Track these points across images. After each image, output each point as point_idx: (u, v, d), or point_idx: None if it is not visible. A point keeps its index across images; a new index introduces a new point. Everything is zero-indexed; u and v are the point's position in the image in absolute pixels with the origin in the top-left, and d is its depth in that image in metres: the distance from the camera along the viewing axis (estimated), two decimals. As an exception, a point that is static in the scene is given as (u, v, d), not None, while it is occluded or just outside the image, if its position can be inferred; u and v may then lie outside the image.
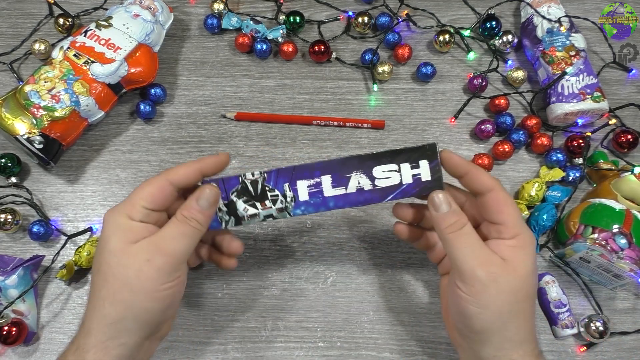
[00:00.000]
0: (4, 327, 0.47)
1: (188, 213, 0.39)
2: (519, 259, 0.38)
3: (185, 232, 0.38)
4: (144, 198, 0.38)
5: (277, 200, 0.43)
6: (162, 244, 0.37)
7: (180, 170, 0.40)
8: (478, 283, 0.37)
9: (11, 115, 0.51)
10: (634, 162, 0.56)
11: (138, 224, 0.38)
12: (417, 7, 0.65)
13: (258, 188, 0.43)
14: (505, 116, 0.58)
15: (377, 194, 0.42)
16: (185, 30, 0.64)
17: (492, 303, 0.37)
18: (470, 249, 0.38)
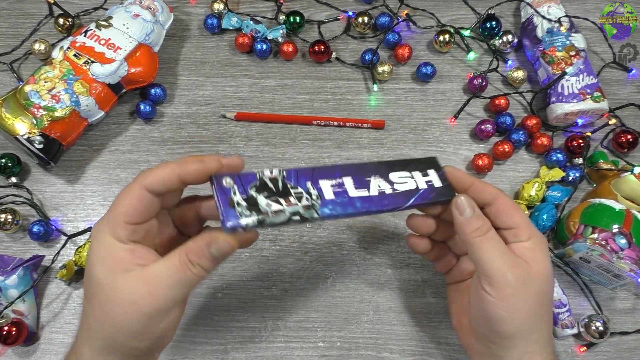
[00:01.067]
0: (4, 327, 0.47)
1: (195, 258, 0.34)
2: (539, 260, 0.38)
3: (184, 279, 0.33)
4: (124, 213, 0.34)
5: (302, 198, 0.38)
6: (153, 288, 0.33)
7: (157, 172, 0.34)
8: (509, 287, 0.36)
9: (11, 115, 0.51)
10: (634, 162, 0.56)
11: (124, 247, 0.34)
12: (417, 7, 0.65)
13: (279, 185, 0.38)
14: (505, 116, 0.58)
15: (399, 198, 0.41)
16: (185, 30, 0.64)
17: (523, 307, 0.36)
18: (498, 253, 0.37)
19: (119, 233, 0.34)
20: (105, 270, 0.33)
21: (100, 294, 0.33)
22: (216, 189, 0.36)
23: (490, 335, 0.38)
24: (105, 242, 0.34)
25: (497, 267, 0.36)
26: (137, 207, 0.34)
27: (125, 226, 0.34)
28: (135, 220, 0.34)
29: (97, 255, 0.34)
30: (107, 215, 0.35)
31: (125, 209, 0.34)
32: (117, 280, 0.33)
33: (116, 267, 0.33)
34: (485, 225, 0.38)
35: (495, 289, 0.36)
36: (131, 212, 0.34)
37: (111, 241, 0.34)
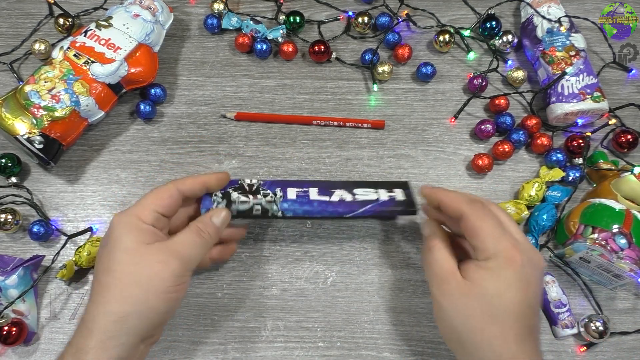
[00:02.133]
0: (4, 327, 0.47)
1: (203, 226, 0.42)
2: (481, 279, 0.39)
3: (198, 241, 0.41)
4: (155, 202, 0.41)
5: (267, 195, 0.48)
6: (177, 249, 0.40)
7: (188, 180, 0.43)
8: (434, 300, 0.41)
9: (11, 115, 0.51)
10: (634, 162, 0.56)
11: (149, 227, 0.40)
12: (417, 7, 0.65)
13: (253, 188, 0.49)
14: (505, 116, 0.58)
15: (356, 204, 0.49)
16: (185, 30, 0.64)
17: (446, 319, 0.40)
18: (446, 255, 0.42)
19: (144, 217, 0.40)
20: (133, 239, 0.39)
21: (128, 260, 0.38)
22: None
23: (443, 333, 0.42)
24: (131, 221, 0.40)
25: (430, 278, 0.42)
26: (166, 200, 0.42)
27: (152, 212, 0.40)
28: (162, 210, 0.41)
29: (122, 230, 0.39)
30: (133, 205, 0.41)
31: (155, 199, 0.41)
32: (143, 248, 0.39)
33: (141, 239, 0.39)
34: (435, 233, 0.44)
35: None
36: (160, 202, 0.41)
37: (136, 220, 0.40)
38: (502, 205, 0.55)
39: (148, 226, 0.40)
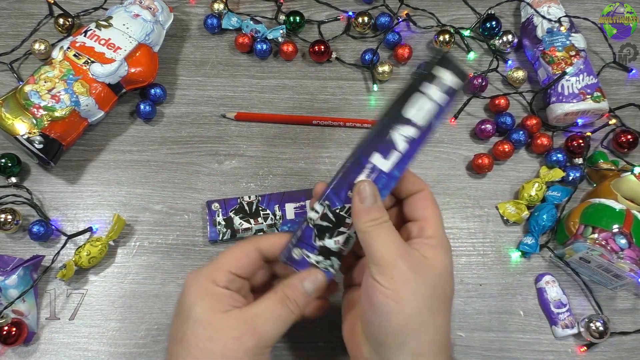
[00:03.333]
0: (4, 327, 0.47)
1: (291, 292, 0.37)
2: (438, 257, 0.36)
3: (282, 314, 0.36)
4: (230, 262, 0.37)
5: (267, 218, 0.52)
6: (255, 323, 0.35)
7: (271, 239, 0.39)
8: (399, 275, 0.34)
9: (11, 115, 0.51)
10: (634, 162, 0.56)
11: (224, 290, 0.36)
12: (417, 7, 0.65)
13: (252, 208, 0.52)
14: (505, 116, 0.58)
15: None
16: (185, 30, 0.64)
17: (413, 297, 0.34)
18: (390, 241, 0.35)
19: (219, 278, 0.36)
20: (206, 309, 0.35)
21: (201, 333, 0.34)
22: (207, 211, 0.53)
23: (379, 333, 0.35)
24: (204, 284, 0.36)
25: (389, 254, 0.35)
26: (243, 260, 0.38)
27: (226, 273, 0.37)
28: (238, 271, 0.37)
29: (195, 296, 0.36)
30: (206, 266, 0.38)
31: (231, 259, 0.37)
32: (218, 318, 0.35)
33: (216, 306, 0.35)
34: (383, 217, 0.36)
35: (385, 276, 0.34)
36: (236, 263, 0.37)
37: (210, 284, 0.36)
38: (502, 205, 0.55)
39: (223, 290, 0.36)
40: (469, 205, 0.56)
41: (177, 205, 0.55)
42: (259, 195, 0.54)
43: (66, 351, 0.49)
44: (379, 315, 0.35)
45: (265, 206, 0.53)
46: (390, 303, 0.34)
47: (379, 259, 0.35)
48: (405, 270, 0.34)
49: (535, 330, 0.51)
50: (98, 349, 0.49)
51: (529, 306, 0.52)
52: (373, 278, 0.35)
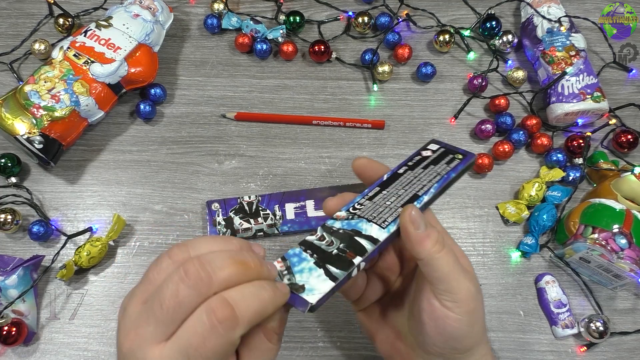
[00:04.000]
0: (4, 327, 0.47)
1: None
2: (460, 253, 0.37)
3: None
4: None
5: (267, 218, 0.52)
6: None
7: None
8: (472, 301, 0.34)
9: (11, 115, 0.51)
10: (634, 162, 0.56)
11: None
12: (417, 7, 0.65)
13: (252, 208, 0.52)
14: (505, 116, 0.58)
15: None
16: (185, 30, 0.64)
17: (479, 317, 0.35)
18: (458, 265, 0.34)
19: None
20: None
21: None
22: (207, 211, 0.53)
23: (448, 352, 0.35)
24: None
25: (461, 281, 0.33)
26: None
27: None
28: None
29: None
30: None
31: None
32: None
33: None
34: (439, 235, 0.34)
35: (460, 304, 0.33)
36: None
37: None
38: (502, 205, 0.55)
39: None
40: (469, 205, 0.56)
41: (177, 205, 0.55)
42: (259, 195, 0.54)
43: (66, 351, 0.49)
44: (451, 340, 0.35)
45: (265, 206, 0.53)
46: (464, 329, 0.34)
47: (453, 287, 0.33)
48: (474, 292, 0.34)
49: (535, 330, 0.51)
50: (98, 349, 0.49)
51: (529, 306, 0.52)
52: (445, 307, 0.34)
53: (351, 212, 0.36)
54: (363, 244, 0.34)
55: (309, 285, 0.33)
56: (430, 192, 0.37)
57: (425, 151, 0.41)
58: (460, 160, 0.40)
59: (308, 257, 0.34)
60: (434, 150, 0.41)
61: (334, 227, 0.36)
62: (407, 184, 0.38)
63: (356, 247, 0.34)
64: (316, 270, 0.33)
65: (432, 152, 0.41)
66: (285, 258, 0.34)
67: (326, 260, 0.34)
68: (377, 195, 0.37)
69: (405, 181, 0.38)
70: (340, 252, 0.34)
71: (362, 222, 0.36)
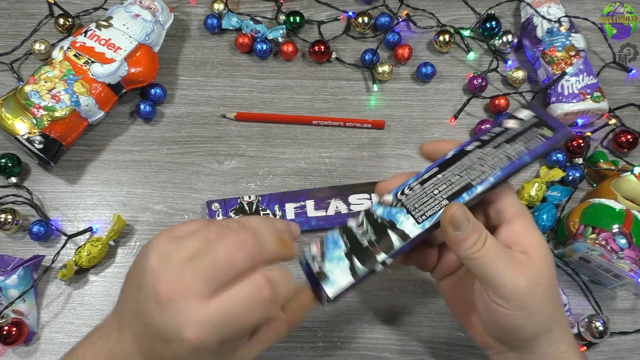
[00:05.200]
0: (4, 327, 0.47)
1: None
2: (535, 243, 0.35)
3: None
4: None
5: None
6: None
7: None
8: (523, 295, 0.33)
9: (11, 115, 0.51)
10: (634, 162, 0.56)
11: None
12: (417, 7, 0.65)
13: (252, 208, 0.52)
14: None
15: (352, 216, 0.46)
16: (185, 30, 0.64)
17: (539, 308, 0.34)
18: (503, 262, 0.33)
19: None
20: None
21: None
22: (207, 211, 0.52)
23: (510, 340, 0.36)
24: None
25: (507, 277, 0.33)
26: None
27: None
28: None
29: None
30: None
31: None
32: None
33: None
34: (482, 233, 0.34)
35: (509, 300, 0.33)
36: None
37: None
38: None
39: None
40: (469, 205, 0.56)
41: (177, 205, 0.55)
42: (259, 195, 0.54)
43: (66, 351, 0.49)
44: (508, 332, 0.35)
45: (265, 206, 0.53)
46: (519, 322, 0.34)
47: (497, 283, 0.33)
48: (527, 287, 0.33)
49: (535, 330, 0.51)
50: (98, 349, 0.49)
51: (529, 306, 0.52)
52: (495, 302, 0.34)
53: (397, 198, 0.34)
54: (392, 240, 0.33)
55: (333, 276, 0.33)
56: (488, 181, 0.32)
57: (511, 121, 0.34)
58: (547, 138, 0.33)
59: (342, 245, 0.34)
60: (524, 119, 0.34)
61: (375, 214, 0.34)
62: (467, 168, 0.33)
63: (385, 241, 0.33)
64: (344, 261, 0.33)
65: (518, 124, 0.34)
66: (322, 242, 0.34)
67: (355, 252, 0.33)
68: (431, 179, 0.34)
69: (467, 163, 0.33)
70: (370, 245, 0.33)
71: (401, 213, 0.33)
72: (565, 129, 0.34)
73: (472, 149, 0.34)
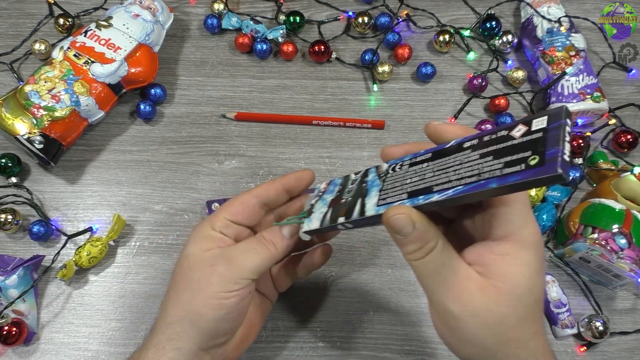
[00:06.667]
0: (4, 327, 0.47)
1: (268, 235, 0.39)
2: (510, 272, 0.30)
3: (257, 249, 0.38)
4: (227, 210, 0.40)
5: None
6: (231, 254, 0.38)
7: (264, 185, 0.41)
8: (452, 318, 0.31)
9: (11, 115, 0.51)
10: (633, 162, 0.56)
11: (216, 234, 0.39)
12: (417, 7, 0.65)
13: None
14: (505, 116, 0.58)
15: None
16: (185, 30, 0.64)
17: (473, 338, 0.31)
18: (436, 282, 0.31)
19: (215, 224, 0.39)
20: (195, 247, 0.38)
21: (185, 264, 0.38)
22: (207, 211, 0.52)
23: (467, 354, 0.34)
24: (202, 230, 0.39)
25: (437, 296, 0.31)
26: (239, 207, 0.40)
27: (222, 219, 0.39)
28: (232, 217, 0.39)
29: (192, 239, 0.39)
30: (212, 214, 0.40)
31: (228, 208, 0.40)
32: (201, 253, 0.38)
33: (204, 246, 0.38)
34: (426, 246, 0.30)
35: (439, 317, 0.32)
36: (232, 210, 0.39)
37: (207, 229, 0.39)
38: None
39: (215, 233, 0.39)
40: (469, 205, 0.56)
41: (177, 205, 0.55)
42: None
43: (66, 351, 0.49)
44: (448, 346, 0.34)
45: None
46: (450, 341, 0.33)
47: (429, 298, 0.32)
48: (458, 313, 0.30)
49: (535, 330, 0.51)
50: (98, 349, 0.49)
51: (529, 306, 0.52)
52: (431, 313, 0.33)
53: (387, 172, 0.32)
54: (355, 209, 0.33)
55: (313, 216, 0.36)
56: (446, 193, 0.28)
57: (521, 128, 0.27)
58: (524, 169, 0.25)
59: (335, 192, 0.36)
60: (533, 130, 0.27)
61: (366, 178, 0.35)
62: (444, 168, 0.29)
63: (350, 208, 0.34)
64: (325, 208, 0.36)
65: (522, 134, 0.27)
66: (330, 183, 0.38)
67: (334, 205, 0.35)
68: (417, 165, 0.31)
69: (449, 163, 0.29)
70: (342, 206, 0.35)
71: (376, 189, 0.32)
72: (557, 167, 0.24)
73: (467, 147, 0.29)
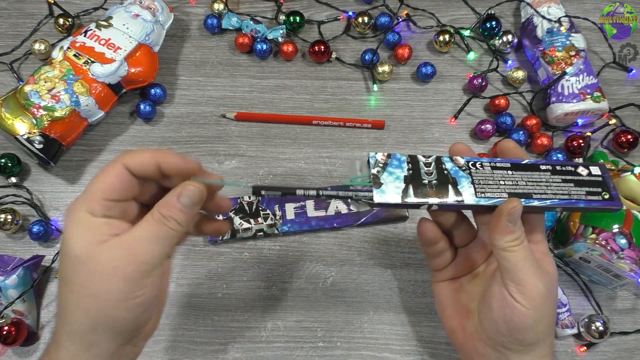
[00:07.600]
0: (4, 327, 0.47)
1: (166, 211, 0.33)
2: (548, 262, 0.38)
3: (161, 234, 0.33)
4: (101, 189, 0.33)
5: (267, 218, 0.53)
6: (134, 248, 0.32)
7: (137, 155, 0.34)
8: (539, 297, 0.36)
9: (11, 115, 0.51)
10: (634, 162, 0.56)
11: (100, 220, 0.33)
12: (417, 7, 0.65)
13: (252, 208, 0.53)
14: (505, 116, 0.58)
15: (352, 217, 0.53)
16: (185, 30, 0.64)
17: (547, 314, 0.37)
18: (530, 263, 0.37)
19: (94, 208, 0.33)
20: (82, 243, 0.32)
21: (79, 270, 0.32)
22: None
23: (509, 342, 0.38)
24: (80, 217, 0.33)
25: (531, 277, 0.36)
26: (115, 184, 0.33)
27: (102, 202, 0.33)
28: (112, 196, 0.33)
29: (72, 231, 0.33)
30: (83, 194, 0.34)
31: (102, 185, 0.33)
32: (95, 251, 0.32)
33: (92, 239, 0.32)
34: (523, 234, 0.37)
35: (527, 297, 0.36)
36: (108, 189, 0.33)
37: (86, 216, 0.33)
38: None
39: (99, 220, 0.33)
40: (469, 205, 0.56)
41: (177, 205, 0.55)
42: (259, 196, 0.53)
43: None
44: (515, 331, 0.37)
45: (265, 206, 0.53)
46: (529, 322, 0.36)
47: (521, 280, 0.36)
48: (544, 291, 0.36)
49: (535, 330, 0.51)
50: (98, 349, 0.49)
51: (529, 306, 0.52)
52: (513, 297, 0.36)
53: (468, 166, 0.38)
54: (449, 194, 0.36)
55: (386, 188, 0.36)
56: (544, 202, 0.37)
57: (583, 169, 0.39)
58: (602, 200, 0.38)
59: (405, 169, 0.38)
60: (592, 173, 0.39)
61: (443, 165, 0.38)
62: (534, 181, 0.38)
63: (442, 192, 0.37)
64: (400, 182, 0.37)
65: (586, 174, 0.39)
66: (390, 156, 0.38)
67: (413, 182, 0.37)
68: (501, 170, 0.38)
69: (535, 178, 0.38)
70: (428, 186, 0.37)
71: (466, 180, 0.37)
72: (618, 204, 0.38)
73: (544, 169, 0.38)
